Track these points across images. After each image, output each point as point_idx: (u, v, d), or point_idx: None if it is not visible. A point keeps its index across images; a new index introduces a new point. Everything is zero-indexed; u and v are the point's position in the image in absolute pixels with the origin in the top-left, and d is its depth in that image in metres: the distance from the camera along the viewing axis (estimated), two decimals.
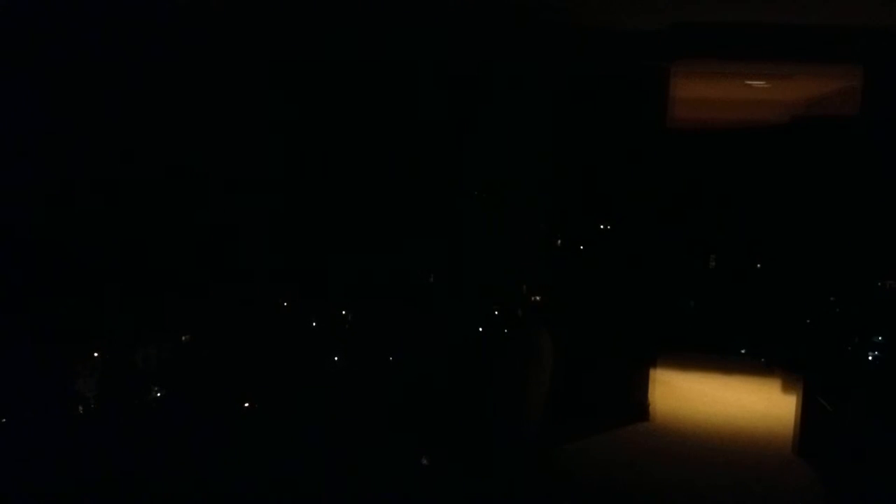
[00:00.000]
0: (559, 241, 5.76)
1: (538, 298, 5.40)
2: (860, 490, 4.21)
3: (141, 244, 4.73)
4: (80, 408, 3.30)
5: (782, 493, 4.60)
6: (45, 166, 4.56)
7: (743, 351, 7.41)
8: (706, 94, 6.85)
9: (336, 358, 3.93)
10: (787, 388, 6.40)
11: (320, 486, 3.27)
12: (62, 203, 4.57)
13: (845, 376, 4.57)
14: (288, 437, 3.38)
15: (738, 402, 6.21)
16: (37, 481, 2.97)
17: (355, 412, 3.58)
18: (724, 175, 7.67)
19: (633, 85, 5.52)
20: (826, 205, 6.18)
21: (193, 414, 3.39)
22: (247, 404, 3.45)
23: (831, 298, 5.12)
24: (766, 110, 7.35)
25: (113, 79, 4.83)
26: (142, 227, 4.84)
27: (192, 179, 5.25)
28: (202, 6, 4.79)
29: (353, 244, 5.49)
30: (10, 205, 4.38)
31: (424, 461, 3.51)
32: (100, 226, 4.66)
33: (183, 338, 3.78)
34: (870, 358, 4.43)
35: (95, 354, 3.45)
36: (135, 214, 4.87)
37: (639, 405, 5.67)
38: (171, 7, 4.76)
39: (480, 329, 4.47)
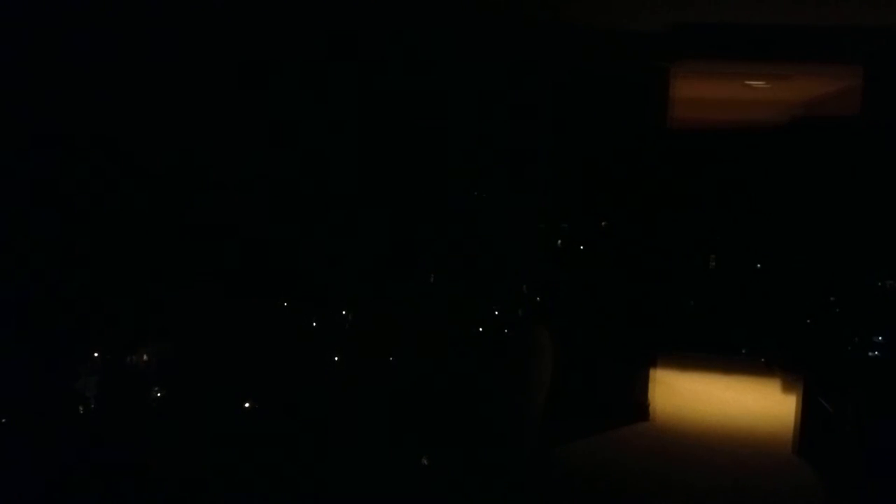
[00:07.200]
0: (559, 241, 5.76)
1: (538, 298, 5.39)
2: (860, 490, 4.21)
3: (141, 243, 4.72)
4: (80, 408, 3.30)
5: (782, 493, 4.60)
6: (44, 166, 4.56)
7: (743, 351, 7.41)
8: (706, 94, 6.85)
9: (336, 358, 3.93)
10: (787, 388, 6.39)
11: (320, 486, 3.27)
12: (61, 202, 4.57)
13: (845, 376, 4.57)
14: (288, 437, 3.38)
15: (738, 402, 6.21)
16: (36, 481, 2.96)
17: (355, 412, 3.58)
18: (724, 175, 7.67)
19: (633, 85, 5.52)
20: (826, 205, 6.18)
21: (193, 414, 3.38)
22: (247, 404, 3.45)
23: (831, 298, 5.12)
24: (766, 110, 7.35)
25: (111, 78, 4.83)
26: (142, 226, 4.84)
27: (193, 178, 5.25)
28: (204, 4, 4.79)
29: (354, 244, 5.49)
30: (8, 205, 4.38)
31: (424, 461, 3.51)
32: (99, 225, 4.65)
33: (183, 338, 3.77)
34: (870, 358, 4.43)
35: (95, 354, 3.45)
36: (135, 213, 4.86)
37: (639, 405, 5.67)
38: (173, 5, 4.77)
39: (480, 329, 4.47)
